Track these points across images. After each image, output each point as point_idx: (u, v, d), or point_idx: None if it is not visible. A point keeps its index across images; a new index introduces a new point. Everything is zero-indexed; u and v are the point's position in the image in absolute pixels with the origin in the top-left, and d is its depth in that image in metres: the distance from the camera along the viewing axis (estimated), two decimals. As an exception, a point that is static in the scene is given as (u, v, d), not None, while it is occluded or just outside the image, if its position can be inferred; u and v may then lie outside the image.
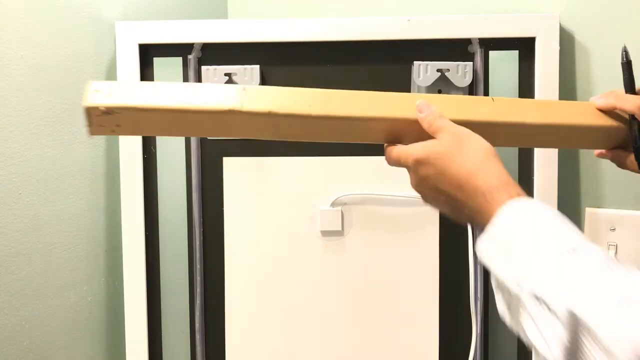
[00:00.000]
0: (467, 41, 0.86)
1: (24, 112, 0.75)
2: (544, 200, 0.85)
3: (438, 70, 0.85)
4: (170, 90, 0.56)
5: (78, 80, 0.84)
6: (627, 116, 0.59)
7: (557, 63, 0.84)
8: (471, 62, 0.85)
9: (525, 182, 0.87)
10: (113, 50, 0.89)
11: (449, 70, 0.85)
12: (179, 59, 0.89)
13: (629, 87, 0.59)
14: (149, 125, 0.56)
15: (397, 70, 0.87)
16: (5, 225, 0.73)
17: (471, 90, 0.86)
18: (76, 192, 0.84)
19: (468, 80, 0.85)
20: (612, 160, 0.63)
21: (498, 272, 0.47)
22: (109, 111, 0.53)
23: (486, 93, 0.87)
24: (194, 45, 0.88)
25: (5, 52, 0.72)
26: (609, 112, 0.60)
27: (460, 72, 0.85)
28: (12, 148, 0.73)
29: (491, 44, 0.86)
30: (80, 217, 0.85)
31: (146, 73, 0.89)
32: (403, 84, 0.87)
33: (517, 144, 0.69)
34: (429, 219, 0.89)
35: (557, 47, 0.84)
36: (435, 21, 0.85)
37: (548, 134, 0.60)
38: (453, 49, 0.86)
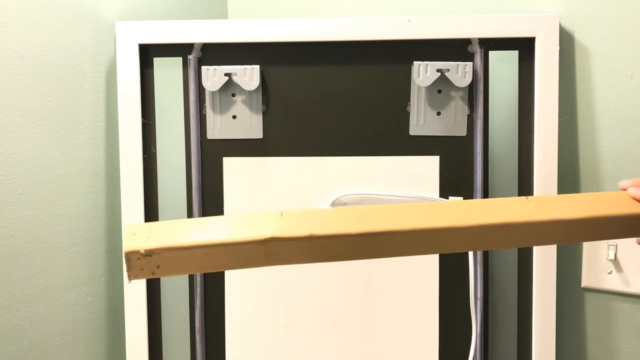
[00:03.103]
0: (467, 41, 0.86)
1: (24, 112, 0.75)
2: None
3: (438, 70, 0.85)
4: (206, 224, 0.56)
5: (78, 80, 0.84)
6: None
7: (557, 63, 0.84)
8: (471, 62, 0.85)
9: (526, 182, 0.87)
10: (113, 50, 0.89)
11: (448, 70, 0.85)
12: (179, 59, 0.89)
13: None
14: (188, 263, 0.56)
15: (397, 70, 0.87)
16: (5, 225, 0.73)
17: (471, 90, 0.87)
18: (76, 192, 0.84)
19: (468, 80, 0.85)
20: None
21: None
22: (149, 253, 0.53)
23: (486, 93, 0.87)
24: (194, 45, 0.88)
25: (5, 52, 0.72)
26: None
27: (460, 72, 0.85)
28: (12, 148, 0.73)
29: (491, 44, 0.86)
30: (80, 217, 0.85)
31: (146, 73, 0.89)
32: (403, 84, 0.87)
33: (553, 241, 0.69)
34: (429, 219, 0.89)
35: (557, 47, 0.84)
36: (435, 21, 0.86)
37: (584, 228, 0.59)
38: (453, 49, 0.86)
